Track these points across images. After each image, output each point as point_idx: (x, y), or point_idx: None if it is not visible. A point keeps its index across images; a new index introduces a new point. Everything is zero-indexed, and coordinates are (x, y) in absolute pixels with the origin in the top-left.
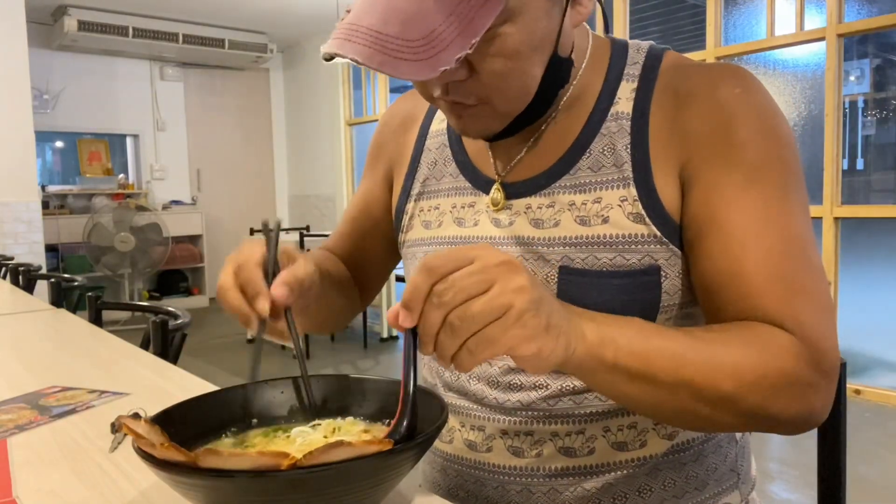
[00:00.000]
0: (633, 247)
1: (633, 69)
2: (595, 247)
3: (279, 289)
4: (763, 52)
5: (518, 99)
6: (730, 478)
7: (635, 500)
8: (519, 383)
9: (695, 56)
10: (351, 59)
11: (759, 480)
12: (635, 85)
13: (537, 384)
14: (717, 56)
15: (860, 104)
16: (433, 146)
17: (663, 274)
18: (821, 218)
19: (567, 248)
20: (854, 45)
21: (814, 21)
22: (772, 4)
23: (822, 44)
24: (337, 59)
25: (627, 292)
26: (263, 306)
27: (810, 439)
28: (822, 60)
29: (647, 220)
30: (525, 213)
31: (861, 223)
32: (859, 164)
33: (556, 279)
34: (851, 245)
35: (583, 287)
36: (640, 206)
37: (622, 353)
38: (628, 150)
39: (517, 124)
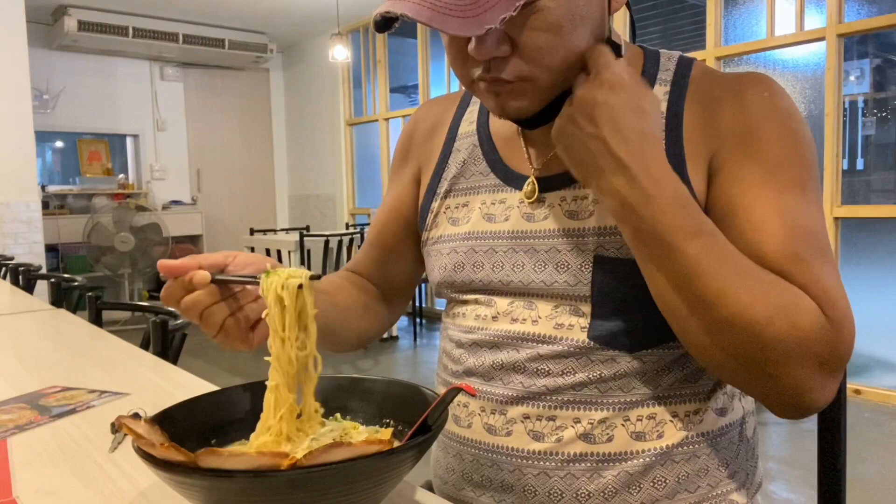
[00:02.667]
0: None
1: (665, 74)
2: None
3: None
4: (763, 52)
5: (560, 72)
6: (739, 476)
7: (650, 490)
8: (546, 370)
9: (695, 56)
10: (401, 15)
11: (761, 482)
12: (668, 89)
13: (565, 371)
14: (717, 56)
15: (860, 104)
16: (462, 147)
17: None
18: None
19: (601, 237)
20: (854, 45)
21: (814, 21)
22: (772, 4)
23: (822, 44)
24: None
25: None
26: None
27: (810, 439)
28: (822, 60)
29: None
30: (559, 205)
31: (861, 223)
32: (859, 164)
33: (590, 268)
34: (851, 245)
35: (616, 276)
36: None
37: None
38: (664, 147)
39: (553, 109)
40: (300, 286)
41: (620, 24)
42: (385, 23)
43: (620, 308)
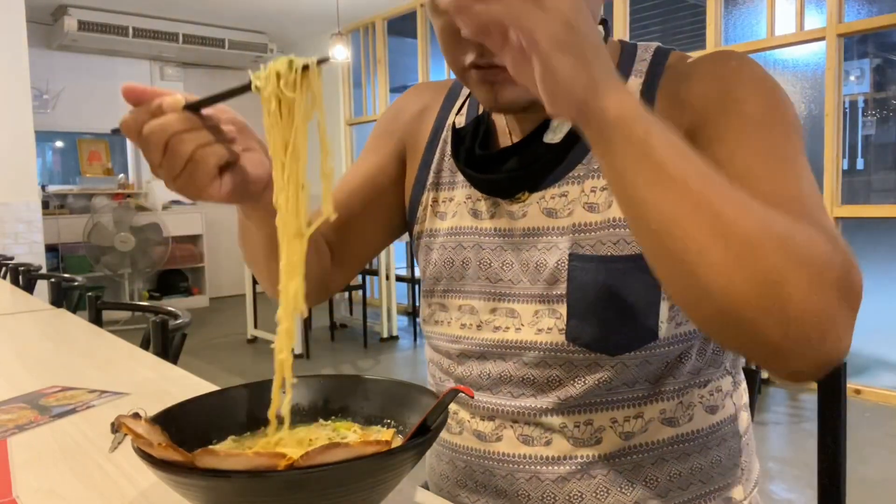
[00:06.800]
0: None
1: (640, 66)
2: (601, 231)
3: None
4: (763, 52)
5: None
6: (734, 472)
7: (642, 490)
8: (532, 378)
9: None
10: None
11: (758, 479)
12: (642, 79)
13: (550, 379)
14: None
15: (860, 104)
16: (449, 137)
17: None
18: None
19: (577, 234)
20: (854, 45)
21: (814, 21)
22: (772, 4)
23: (822, 44)
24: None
25: (631, 275)
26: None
27: (810, 439)
28: (822, 60)
29: None
30: (538, 203)
31: (861, 223)
32: (859, 164)
33: (566, 265)
34: (851, 245)
35: (590, 272)
36: None
37: (655, 131)
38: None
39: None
40: (305, 67)
41: (620, 20)
42: None
43: (596, 308)
